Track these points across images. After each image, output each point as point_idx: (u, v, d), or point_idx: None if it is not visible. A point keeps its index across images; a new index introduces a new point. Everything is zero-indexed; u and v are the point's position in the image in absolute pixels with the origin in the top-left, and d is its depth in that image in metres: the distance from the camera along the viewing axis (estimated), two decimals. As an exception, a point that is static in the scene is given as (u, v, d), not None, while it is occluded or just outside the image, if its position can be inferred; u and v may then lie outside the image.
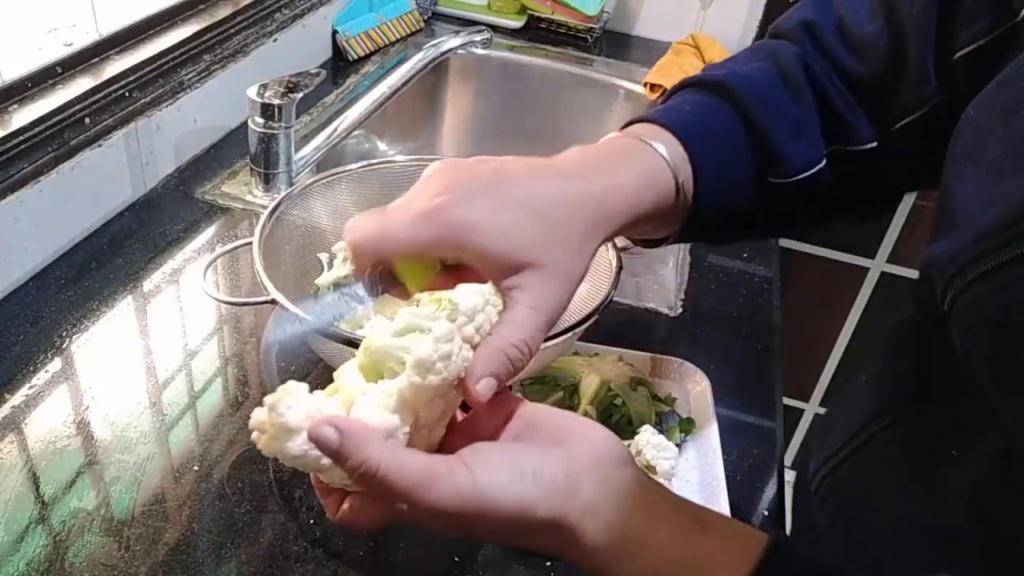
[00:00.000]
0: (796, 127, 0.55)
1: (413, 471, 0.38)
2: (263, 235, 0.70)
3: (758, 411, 0.80)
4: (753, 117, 0.54)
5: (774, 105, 0.55)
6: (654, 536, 0.41)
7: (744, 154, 0.54)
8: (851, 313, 1.77)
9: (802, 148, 0.55)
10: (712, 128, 0.54)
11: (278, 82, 0.93)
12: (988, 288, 0.39)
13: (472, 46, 1.27)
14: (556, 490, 0.40)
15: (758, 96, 0.54)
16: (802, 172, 0.55)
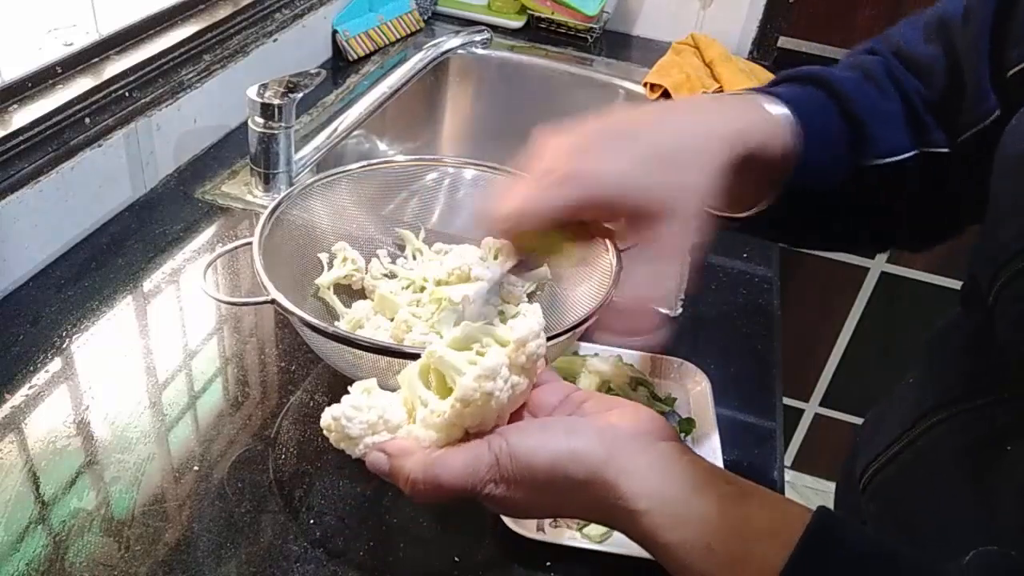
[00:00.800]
0: (884, 115, 0.57)
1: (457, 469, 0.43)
2: (263, 235, 0.70)
3: (758, 411, 0.80)
4: (847, 105, 0.56)
5: (864, 96, 0.57)
6: (699, 502, 0.41)
7: (840, 135, 0.56)
8: (851, 313, 1.78)
9: (889, 134, 0.57)
10: (814, 107, 0.56)
11: (278, 82, 0.93)
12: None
13: (472, 46, 1.27)
14: (589, 451, 0.42)
15: (849, 87, 0.57)
16: (890, 155, 0.56)
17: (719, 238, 1.03)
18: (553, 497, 0.43)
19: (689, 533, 0.41)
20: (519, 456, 0.42)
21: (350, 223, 0.82)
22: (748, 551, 0.40)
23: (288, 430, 0.71)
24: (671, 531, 0.41)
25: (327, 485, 0.67)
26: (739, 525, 0.41)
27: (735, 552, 0.40)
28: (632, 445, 0.43)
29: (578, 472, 0.42)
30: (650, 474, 0.42)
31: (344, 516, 0.65)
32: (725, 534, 0.41)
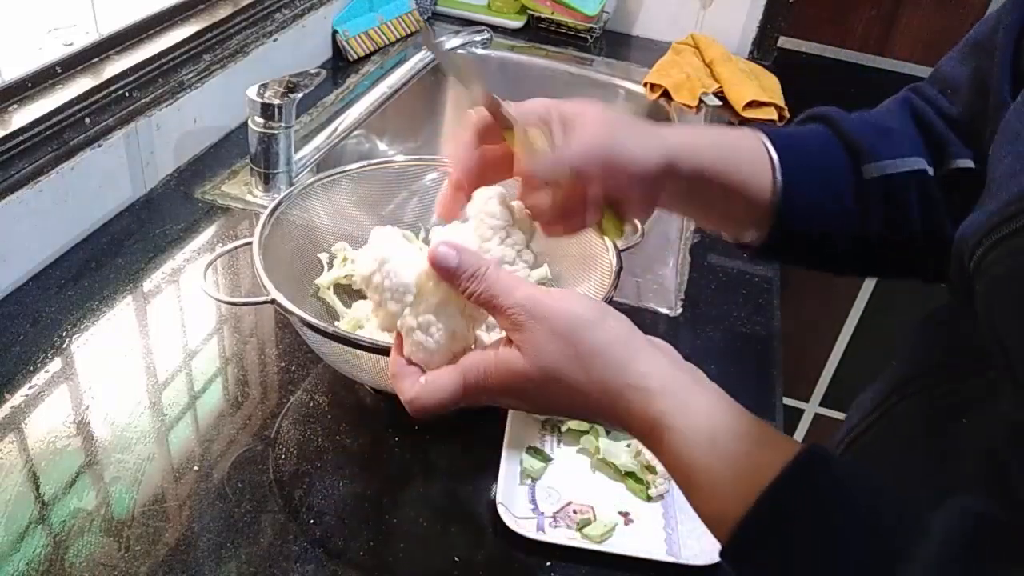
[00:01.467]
0: (884, 132, 0.59)
1: (508, 276, 0.46)
2: (263, 235, 0.70)
3: (758, 411, 0.79)
4: (841, 127, 0.59)
5: (862, 119, 0.61)
6: (706, 399, 0.44)
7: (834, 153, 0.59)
8: (851, 313, 1.78)
9: (887, 143, 0.59)
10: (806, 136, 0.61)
11: (278, 82, 0.93)
12: (1014, 246, 0.41)
13: (472, 46, 1.27)
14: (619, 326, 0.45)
15: (845, 114, 0.61)
16: (887, 159, 0.58)
17: (719, 238, 1.03)
18: (567, 363, 0.44)
19: (695, 421, 0.43)
20: (555, 297, 0.45)
21: (350, 223, 0.82)
22: (748, 452, 0.42)
23: (288, 430, 0.71)
24: (680, 416, 0.43)
25: (327, 485, 0.67)
26: (743, 428, 0.44)
27: (736, 449, 0.42)
28: (652, 343, 0.46)
29: (605, 331, 0.44)
30: (666, 361, 0.45)
31: (344, 516, 0.65)
32: (730, 432, 0.43)
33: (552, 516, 0.67)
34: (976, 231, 0.44)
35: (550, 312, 0.44)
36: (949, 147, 0.58)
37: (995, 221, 0.42)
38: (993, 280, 0.43)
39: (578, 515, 0.67)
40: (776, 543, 0.41)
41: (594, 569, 0.64)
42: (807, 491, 0.41)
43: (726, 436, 0.43)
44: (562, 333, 0.44)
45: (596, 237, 0.75)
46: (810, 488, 0.41)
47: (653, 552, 0.64)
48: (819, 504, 0.40)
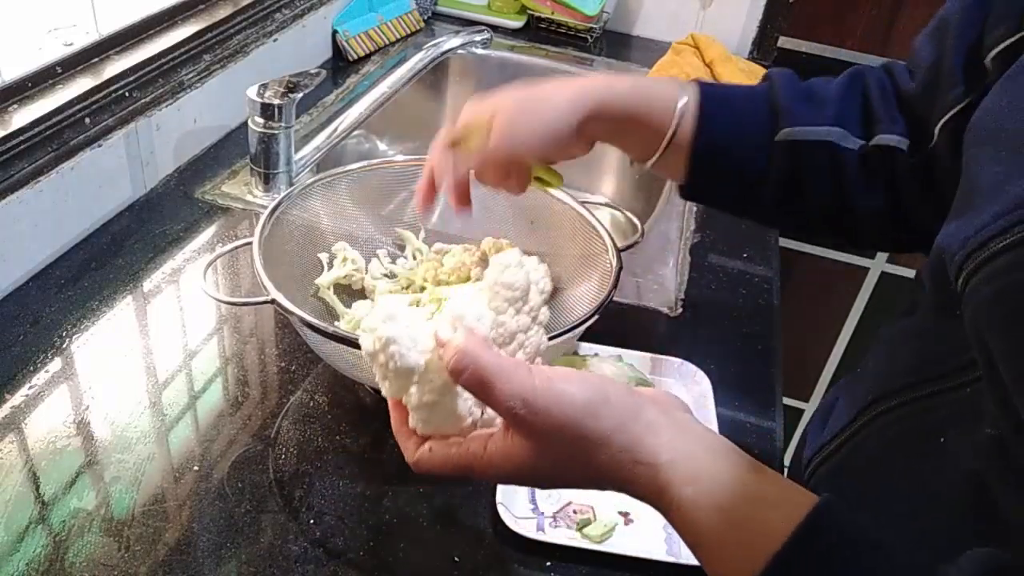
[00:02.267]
0: (812, 98, 0.63)
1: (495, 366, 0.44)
2: (263, 235, 0.70)
3: (758, 411, 0.80)
4: (777, 87, 0.64)
5: (803, 86, 0.65)
6: (714, 465, 0.44)
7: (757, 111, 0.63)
8: (851, 313, 1.77)
9: (809, 111, 0.62)
10: (738, 92, 0.66)
11: (278, 82, 0.93)
12: (1006, 263, 0.40)
13: (472, 46, 1.27)
14: (622, 404, 0.44)
15: (794, 80, 0.65)
16: (801, 126, 0.62)
17: (719, 238, 1.03)
18: (575, 451, 0.44)
19: (703, 489, 0.43)
20: (554, 388, 0.43)
21: (350, 223, 0.82)
22: (757, 516, 0.42)
23: (288, 430, 0.71)
24: (687, 486, 0.43)
25: (327, 485, 0.67)
26: (751, 491, 0.43)
27: (744, 514, 0.42)
28: (656, 409, 0.45)
29: (609, 418, 0.43)
30: (673, 430, 0.44)
31: (344, 516, 0.65)
32: (737, 496, 0.42)
33: (552, 516, 0.67)
34: (963, 244, 0.43)
35: (551, 404, 0.43)
36: (878, 123, 0.61)
37: (983, 236, 0.42)
38: (982, 299, 0.42)
39: (578, 515, 0.67)
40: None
41: (594, 569, 0.64)
42: (815, 557, 0.40)
43: (733, 501, 0.42)
44: (566, 425, 0.43)
45: (596, 238, 0.75)
46: (819, 554, 0.40)
47: (653, 552, 0.64)
48: (828, 570, 0.40)
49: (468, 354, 0.43)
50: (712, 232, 1.05)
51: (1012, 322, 0.40)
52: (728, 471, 0.43)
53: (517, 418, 0.43)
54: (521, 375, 0.43)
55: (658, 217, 1.10)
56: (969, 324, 0.43)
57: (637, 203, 1.31)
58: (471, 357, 0.43)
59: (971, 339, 0.43)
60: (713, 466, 0.43)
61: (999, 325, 0.41)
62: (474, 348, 0.44)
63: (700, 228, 1.05)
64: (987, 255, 0.41)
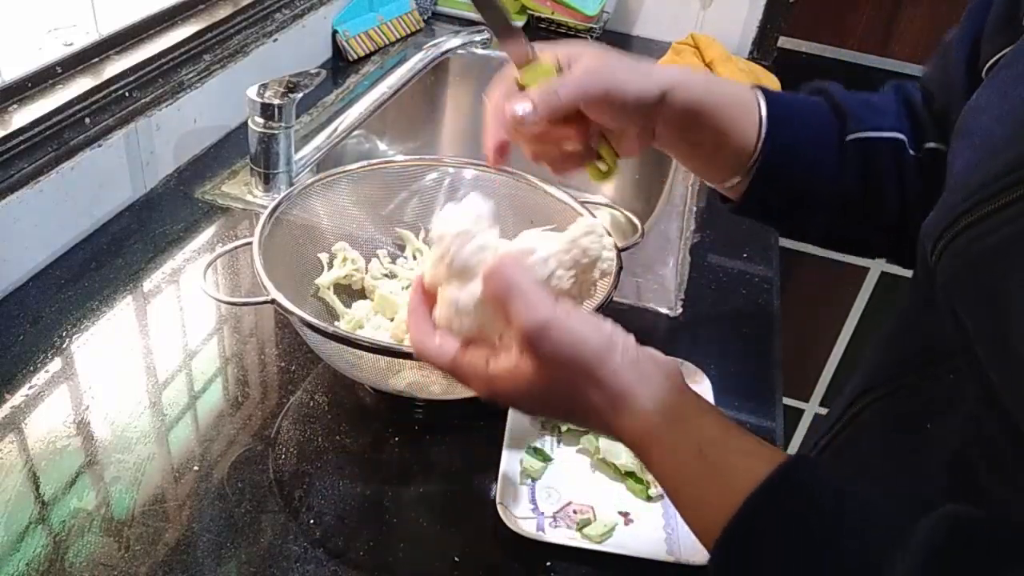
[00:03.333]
0: (871, 105, 0.65)
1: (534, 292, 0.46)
2: (263, 235, 0.70)
3: (758, 411, 0.80)
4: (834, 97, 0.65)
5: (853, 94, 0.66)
6: (693, 412, 0.46)
7: (823, 118, 0.64)
8: (851, 313, 1.77)
9: (872, 114, 0.64)
10: (800, 101, 0.66)
11: (278, 82, 0.93)
12: (973, 235, 0.42)
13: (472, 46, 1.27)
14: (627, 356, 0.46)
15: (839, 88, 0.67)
16: (871, 130, 0.63)
17: (719, 238, 1.03)
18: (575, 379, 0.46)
19: (684, 435, 0.45)
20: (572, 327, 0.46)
21: (350, 223, 0.82)
22: (735, 463, 0.44)
23: (288, 430, 0.71)
24: (668, 431, 0.45)
25: (327, 485, 0.67)
26: (729, 439, 0.45)
27: (723, 461, 0.44)
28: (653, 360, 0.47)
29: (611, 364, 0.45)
30: (657, 374, 0.46)
31: (344, 516, 0.65)
32: (716, 443, 0.44)
33: (552, 516, 0.67)
34: (937, 224, 0.46)
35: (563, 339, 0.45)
36: (927, 129, 0.63)
37: (954, 214, 0.44)
38: (952, 271, 0.44)
39: (578, 515, 0.67)
40: (759, 551, 0.41)
41: (594, 569, 0.64)
42: (790, 498, 0.41)
43: (713, 448, 0.44)
44: (573, 361, 0.46)
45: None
46: (793, 495, 0.41)
47: (653, 552, 0.64)
48: (803, 511, 0.41)
49: (508, 265, 0.46)
50: (712, 232, 1.05)
51: (975, 294, 0.42)
52: (708, 419, 0.46)
53: (531, 340, 0.45)
54: (547, 303, 0.46)
55: (658, 217, 1.10)
56: (942, 302, 0.45)
57: (637, 203, 1.31)
58: (510, 269, 0.46)
59: (946, 318, 0.45)
60: (695, 413, 0.46)
61: (965, 298, 0.43)
62: (514, 264, 0.47)
63: (700, 228, 1.05)
64: (957, 230, 0.44)
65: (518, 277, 0.46)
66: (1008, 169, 0.41)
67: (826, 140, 0.64)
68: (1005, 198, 0.41)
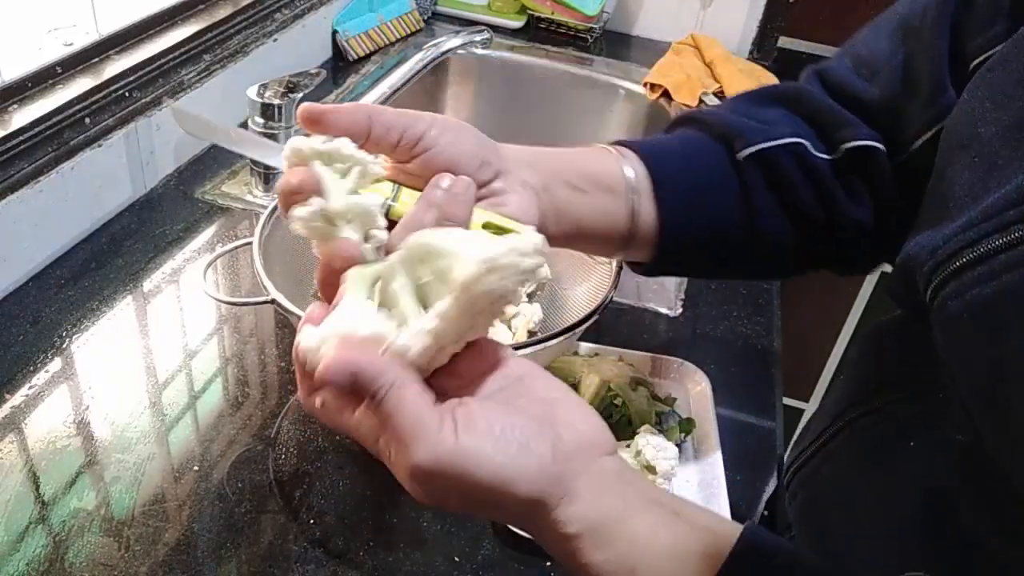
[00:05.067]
0: (757, 120, 0.56)
1: (409, 415, 0.37)
2: (263, 235, 0.70)
3: (758, 411, 0.80)
4: (712, 123, 0.56)
5: (736, 111, 0.56)
6: (629, 525, 0.40)
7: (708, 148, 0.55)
8: (851, 313, 1.77)
9: (761, 126, 0.55)
10: (667, 138, 0.57)
11: (278, 82, 0.94)
12: (975, 276, 0.39)
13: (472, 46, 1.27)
14: (542, 472, 0.38)
15: (714, 111, 0.57)
16: (762, 142, 0.54)
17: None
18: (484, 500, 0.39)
19: (614, 554, 0.39)
20: (467, 452, 0.37)
21: (350, 223, 0.82)
22: (672, 571, 0.39)
23: (288, 430, 0.71)
24: (596, 552, 0.39)
25: (327, 485, 0.67)
26: (666, 548, 0.39)
27: (658, 571, 0.39)
28: (577, 465, 0.40)
29: (524, 494, 0.38)
30: (587, 496, 0.40)
31: (344, 516, 0.65)
32: (651, 556, 0.39)
33: (552, 516, 0.67)
34: (932, 254, 0.42)
35: (456, 476, 0.37)
36: (842, 128, 0.54)
37: (953, 246, 0.40)
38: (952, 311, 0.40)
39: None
40: None
41: (594, 569, 0.64)
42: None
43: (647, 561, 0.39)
44: (470, 494, 0.38)
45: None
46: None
47: (653, 552, 0.64)
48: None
49: (372, 369, 0.37)
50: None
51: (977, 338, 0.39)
52: (642, 530, 0.40)
53: (413, 487, 0.38)
54: (428, 436, 0.37)
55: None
56: (937, 336, 0.42)
57: (637, 203, 1.31)
58: (374, 376, 0.37)
59: (939, 349, 0.42)
60: (627, 528, 0.40)
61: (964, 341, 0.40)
62: (378, 368, 0.37)
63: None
64: (955, 267, 0.40)
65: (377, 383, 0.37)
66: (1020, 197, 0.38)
67: (719, 171, 0.55)
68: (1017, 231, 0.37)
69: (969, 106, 0.45)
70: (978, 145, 0.42)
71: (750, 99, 0.59)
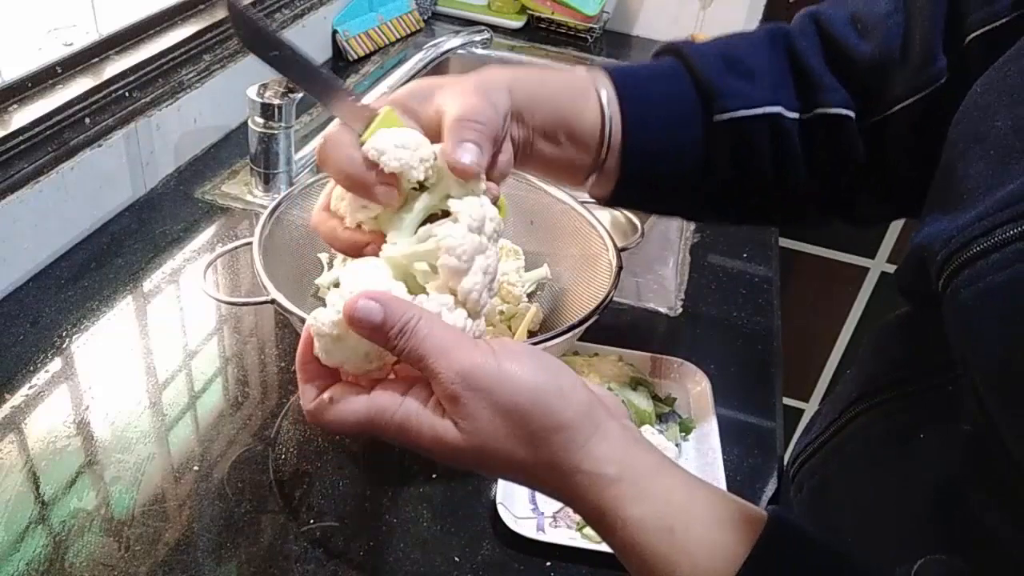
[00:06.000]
0: (741, 73, 0.56)
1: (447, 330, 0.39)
2: (263, 235, 0.70)
3: (758, 411, 0.80)
4: (695, 64, 0.56)
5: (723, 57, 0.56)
6: (664, 480, 0.40)
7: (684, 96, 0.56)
8: (851, 313, 1.77)
9: (744, 86, 0.55)
10: (651, 73, 0.57)
11: (278, 82, 0.94)
12: (988, 264, 0.39)
13: (472, 46, 1.27)
14: (576, 398, 0.39)
15: (705, 51, 0.57)
16: (742, 108, 0.55)
17: (719, 238, 1.03)
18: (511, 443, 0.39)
19: (651, 510, 0.39)
20: (502, 368, 0.38)
21: (350, 223, 0.82)
22: (709, 538, 0.39)
23: (288, 430, 0.71)
24: (635, 504, 0.39)
25: (327, 485, 0.67)
26: (702, 511, 0.39)
27: (696, 536, 0.39)
28: (604, 409, 0.41)
29: (558, 413, 0.38)
30: (618, 438, 0.40)
31: (344, 516, 0.65)
32: (688, 516, 0.39)
33: (552, 516, 0.67)
34: (945, 244, 0.42)
35: (494, 385, 0.38)
36: (820, 92, 0.55)
37: (967, 235, 0.40)
38: (966, 299, 0.40)
39: (578, 515, 0.67)
40: None
41: (594, 569, 0.64)
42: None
43: (685, 523, 0.39)
44: (508, 411, 0.38)
45: (596, 238, 0.75)
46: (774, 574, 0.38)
47: (653, 552, 0.64)
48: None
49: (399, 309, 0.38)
50: (712, 232, 1.05)
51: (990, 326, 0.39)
52: (679, 488, 0.40)
53: (452, 395, 0.38)
54: (465, 345, 0.38)
55: (658, 217, 1.10)
56: (949, 325, 0.42)
57: (637, 203, 1.31)
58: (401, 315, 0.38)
59: (951, 338, 0.42)
60: (663, 483, 0.40)
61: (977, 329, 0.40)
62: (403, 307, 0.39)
63: (700, 228, 1.05)
64: (969, 256, 0.40)
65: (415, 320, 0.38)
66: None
67: (690, 124, 0.55)
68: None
69: (984, 100, 0.45)
70: (993, 138, 0.42)
71: (744, 39, 0.58)
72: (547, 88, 0.54)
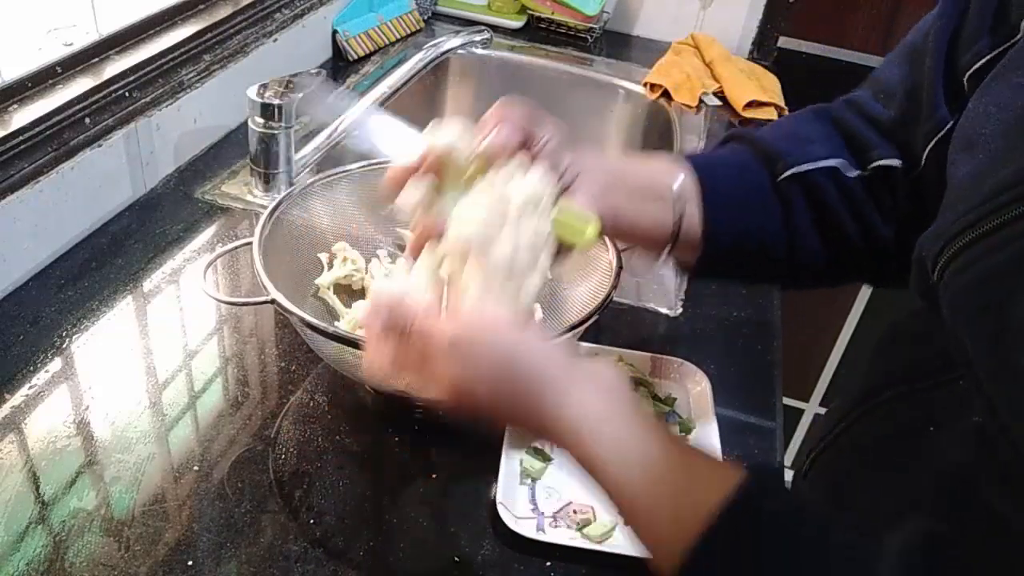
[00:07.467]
0: (797, 138, 0.62)
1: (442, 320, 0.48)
2: (263, 235, 0.70)
3: (758, 411, 0.80)
4: (757, 140, 0.63)
5: (779, 129, 0.64)
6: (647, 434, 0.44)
7: (752, 167, 0.62)
8: (851, 313, 1.77)
9: (802, 146, 0.61)
10: (722, 157, 0.64)
11: (278, 82, 0.93)
12: (977, 252, 0.42)
13: (472, 46, 1.27)
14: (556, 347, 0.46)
15: (761, 131, 0.64)
16: (803, 163, 0.60)
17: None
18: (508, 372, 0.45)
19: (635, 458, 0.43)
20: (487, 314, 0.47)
21: (350, 223, 0.82)
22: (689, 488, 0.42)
23: (288, 430, 0.71)
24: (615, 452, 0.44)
25: (327, 485, 0.67)
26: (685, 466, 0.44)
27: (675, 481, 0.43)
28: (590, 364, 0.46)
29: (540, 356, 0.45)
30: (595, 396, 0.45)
31: (344, 516, 0.65)
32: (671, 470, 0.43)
33: (552, 516, 0.67)
34: (937, 238, 0.45)
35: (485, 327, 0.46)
36: (872, 149, 0.60)
37: (955, 229, 0.43)
38: (956, 288, 0.43)
39: (578, 515, 0.67)
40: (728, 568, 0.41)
41: (594, 569, 0.64)
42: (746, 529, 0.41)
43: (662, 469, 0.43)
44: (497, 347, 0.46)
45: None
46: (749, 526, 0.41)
47: (653, 552, 0.64)
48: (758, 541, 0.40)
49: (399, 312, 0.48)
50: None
51: (980, 311, 0.41)
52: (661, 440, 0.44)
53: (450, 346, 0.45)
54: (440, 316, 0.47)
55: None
56: (946, 314, 0.44)
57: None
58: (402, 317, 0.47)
59: (948, 329, 0.44)
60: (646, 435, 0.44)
61: (971, 315, 0.42)
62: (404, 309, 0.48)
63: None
64: (960, 245, 0.43)
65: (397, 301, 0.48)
66: (1015, 180, 0.41)
67: (761, 190, 0.61)
68: (1012, 211, 0.40)
69: (974, 113, 0.48)
70: (982, 144, 0.46)
71: (798, 116, 0.66)
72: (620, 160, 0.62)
